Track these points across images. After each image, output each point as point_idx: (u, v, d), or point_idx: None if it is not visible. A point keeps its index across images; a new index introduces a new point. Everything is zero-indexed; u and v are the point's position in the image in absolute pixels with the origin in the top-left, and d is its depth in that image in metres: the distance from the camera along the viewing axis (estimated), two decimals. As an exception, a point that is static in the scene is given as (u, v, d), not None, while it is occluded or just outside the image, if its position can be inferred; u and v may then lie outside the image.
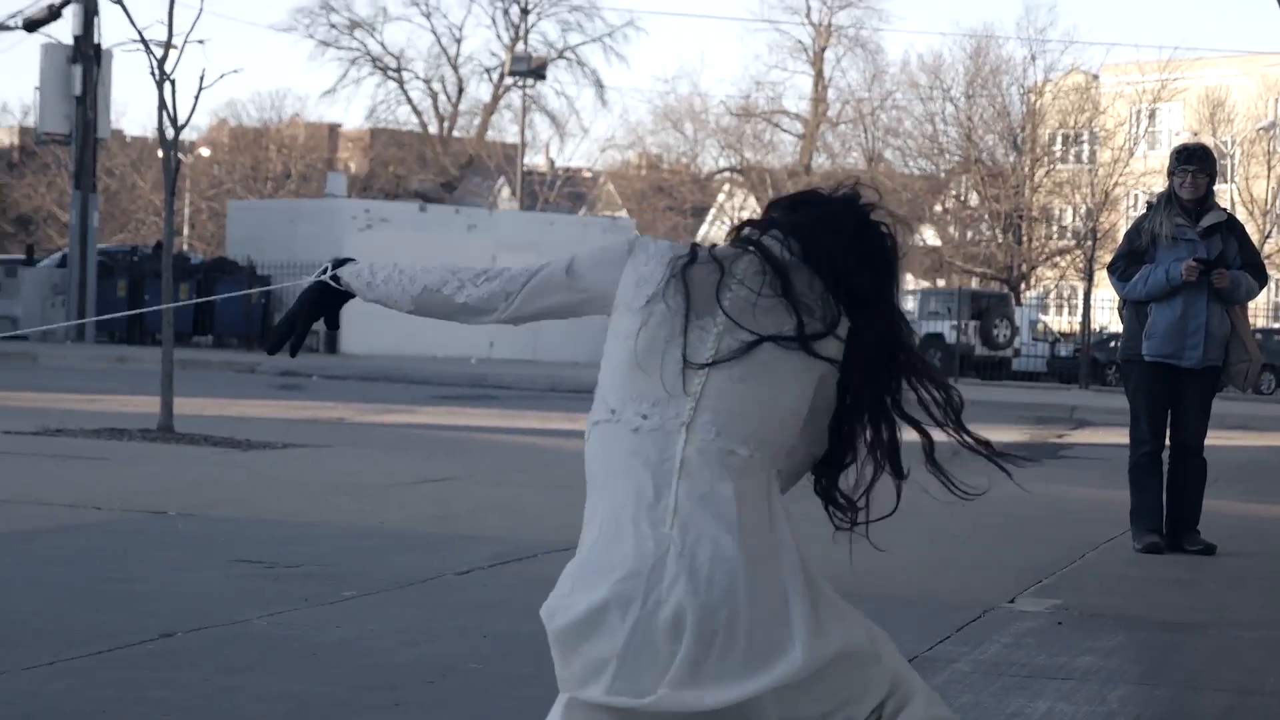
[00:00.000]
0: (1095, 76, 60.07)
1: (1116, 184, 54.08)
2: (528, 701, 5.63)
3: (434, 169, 70.36)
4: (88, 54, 37.51)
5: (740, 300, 3.72)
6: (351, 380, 28.87)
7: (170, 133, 16.10)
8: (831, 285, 3.76)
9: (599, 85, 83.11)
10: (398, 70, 71.87)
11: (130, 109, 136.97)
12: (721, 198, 68.34)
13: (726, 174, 68.76)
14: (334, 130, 78.51)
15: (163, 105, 15.96)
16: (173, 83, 16.00)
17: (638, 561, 3.55)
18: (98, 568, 7.97)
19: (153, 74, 16.00)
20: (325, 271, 4.20)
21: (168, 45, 16.32)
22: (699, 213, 68.56)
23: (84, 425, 15.45)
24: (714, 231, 67.61)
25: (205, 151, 71.25)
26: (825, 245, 3.79)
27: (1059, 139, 58.38)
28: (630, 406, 3.68)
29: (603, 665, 3.54)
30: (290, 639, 6.43)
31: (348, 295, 4.20)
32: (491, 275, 3.96)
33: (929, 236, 61.14)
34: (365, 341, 37.38)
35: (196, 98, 16.84)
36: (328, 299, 4.20)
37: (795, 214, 3.87)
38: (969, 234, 58.90)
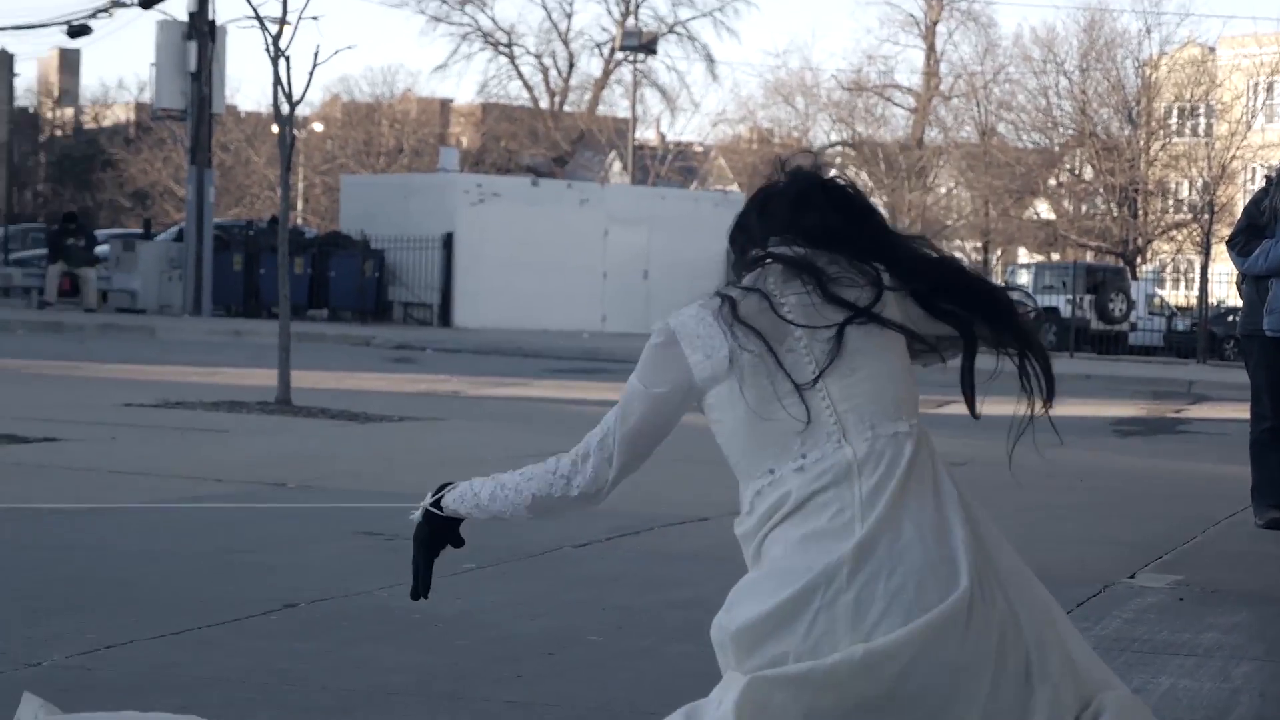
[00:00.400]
0: (1211, 49, 59.42)
1: (1233, 157, 53.49)
2: (647, 674, 5.66)
3: (545, 144, 70.49)
4: (202, 30, 37.78)
5: (798, 306, 3.77)
6: (465, 353, 28.99)
7: (285, 108, 16.21)
8: (851, 253, 3.83)
9: (709, 60, 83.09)
10: (509, 45, 72.04)
11: (244, 85, 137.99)
12: (833, 172, 68.07)
13: (838, 148, 68.48)
14: (446, 105, 78.80)
15: (278, 81, 16.06)
16: (287, 59, 16.10)
17: (821, 564, 3.56)
18: (220, 539, 8.06)
19: (268, 50, 16.11)
20: (430, 502, 4.20)
21: (282, 21, 16.42)
22: (810, 187, 68.25)
23: (203, 398, 15.61)
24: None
25: (319, 127, 71.68)
26: (815, 224, 3.86)
27: (1175, 112, 57.80)
28: (784, 460, 3.69)
29: (782, 658, 3.55)
30: (411, 610, 6.46)
31: (455, 520, 4.19)
32: (584, 454, 3.94)
33: (1043, 210, 60.72)
34: (478, 315, 37.52)
35: (311, 74, 16.96)
36: (439, 529, 4.20)
37: (770, 216, 3.92)
38: (1083, 208, 58.42)
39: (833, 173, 4.00)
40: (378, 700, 5.14)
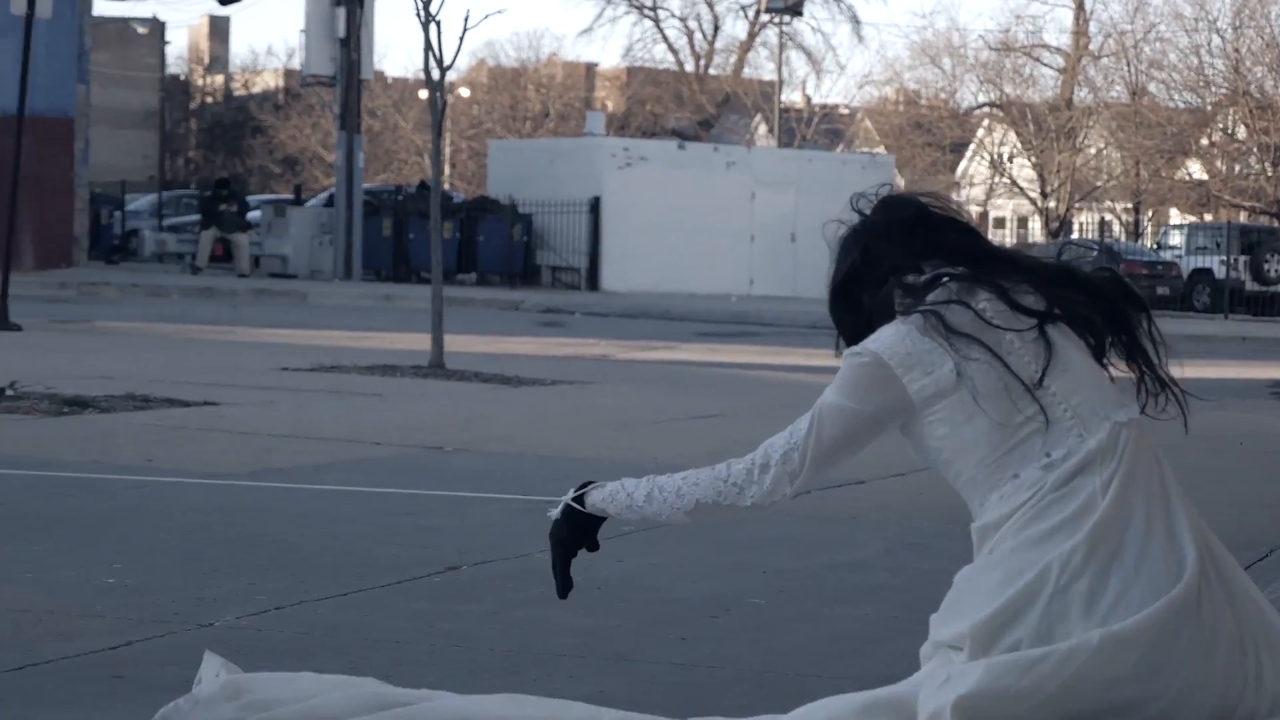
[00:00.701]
0: (1369, 4, 58.36)
1: (1392, 115, 52.57)
2: (810, 637, 5.67)
3: (690, 107, 70.44)
4: (351, -4, 38.04)
5: (998, 312, 3.75)
6: (613, 317, 29.07)
7: (436, 74, 16.28)
8: (997, 266, 3.84)
9: (855, 21, 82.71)
10: (653, 8, 72.02)
11: (391, 50, 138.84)
12: (981, 133, 67.57)
13: (985, 109, 67.93)
14: (591, 69, 78.91)
15: (428, 47, 16.13)
16: (438, 24, 16.16)
17: (1055, 552, 3.54)
18: (380, 502, 8.14)
19: (418, 15, 16.17)
20: (572, 497, 4.14)
21: (432, -14, 16.46)
22: (958, 149, 67.83)
23: (356, 362, 15.73)
24: (973, 167, 66.87)
25: (465, 92, 72.00)
26: (957, 243, 3.86)
27: (1331, 69, 56.82)
28: (1028, 461, 3.67)
29: (1016, 645, 3.53)
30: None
31: (597, 518, 4.13)
32: (764, 464, 3.82)
33: (1195, 170, 59.96)
34: (625, 278, 37.59)
35: (461, 39, 17.09)
36: (579, 527, 4.14)
37: (902, 242, 3.88)
38: (1237, 168, 57.62)
39: (924, 197, 3.97)
40: (545, 662, 5.18)
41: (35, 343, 17.42)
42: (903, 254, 3.86)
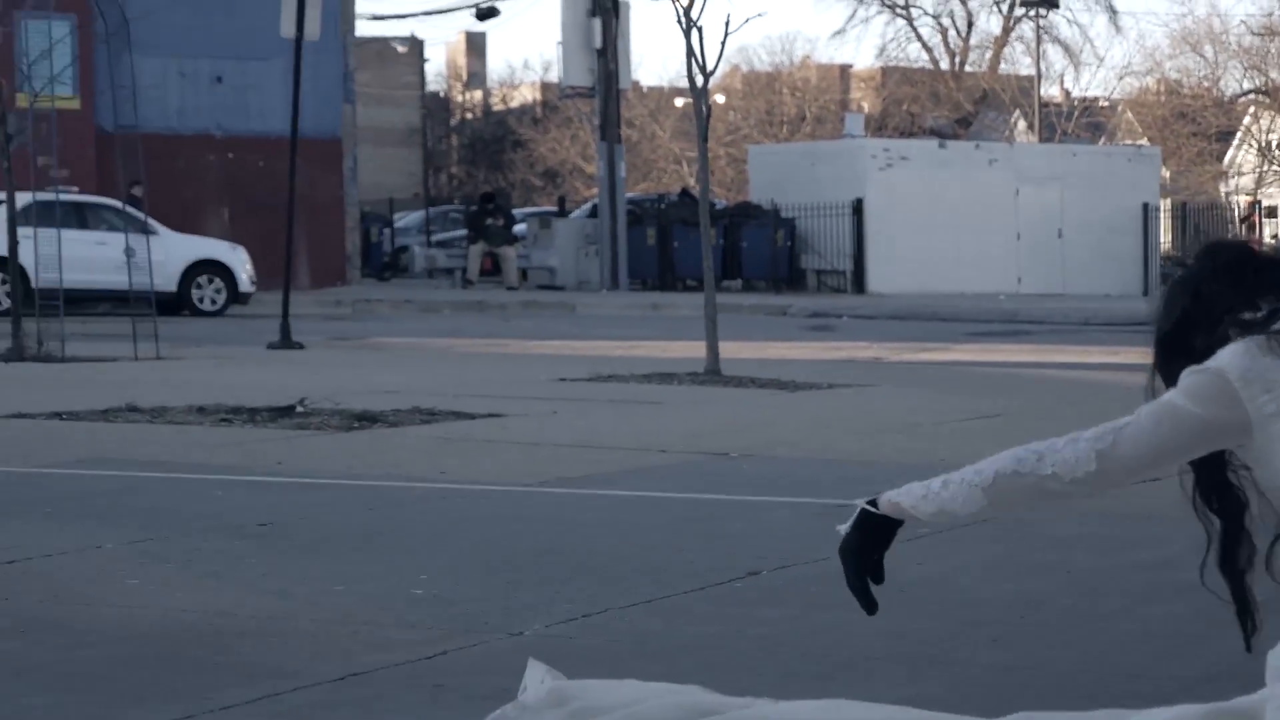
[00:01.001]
0: None
1: None
2: (1126, 638, 5.58)
3: (948, 105, 69.92)
4: (606, 6, 38.27)
5: None
6: (881, 319, 28.90)
7: (700, 80, 16.29)
8: None
9: (1112, 11, 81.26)
10: (906, 7, 71.57)
11: (646, 60, 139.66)
12: (1247, 120, 66.22)
13: (1251, 96, 66.57)
14: (845, 71, 78.64)
15: (690, 53, 16.15)
16: (699, 30, 16.17)
17: None
18: (673, 508, 8.16)
19: (679, 22, 16.21)
20: (865, 501, 3.98)
21: (692, -7, 16.49)
22: (1224, 137, 66.53)
23: (632, 370, 15.80)
24: (1241, 155, 65.54)
25: (720, 98, 72.13)
26: None
27: None
28: None
29: None
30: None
31: (892, 523, 3.95)
32: (1073, 437, 3.61)
33: None
34: (892, 280, 37.37)
35: (723, 44, 17.14)
36: (873, 533, 3.94)
37: (1236, 283, 3.76)
38: None
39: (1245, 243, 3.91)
40: (856, 665, 5.15)
41: (318, 360, 17.76)
42: (1235, 294, 3.79)
